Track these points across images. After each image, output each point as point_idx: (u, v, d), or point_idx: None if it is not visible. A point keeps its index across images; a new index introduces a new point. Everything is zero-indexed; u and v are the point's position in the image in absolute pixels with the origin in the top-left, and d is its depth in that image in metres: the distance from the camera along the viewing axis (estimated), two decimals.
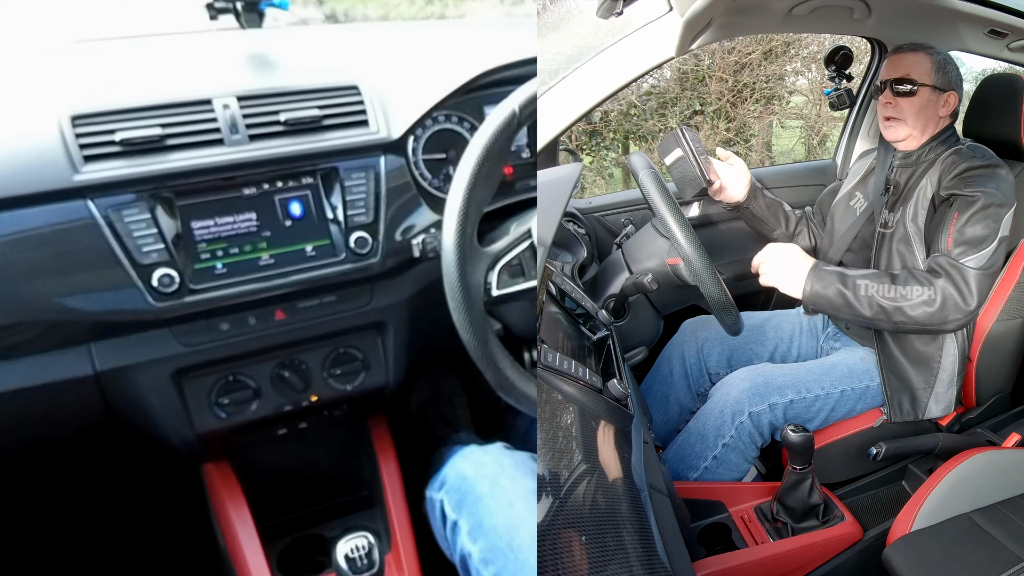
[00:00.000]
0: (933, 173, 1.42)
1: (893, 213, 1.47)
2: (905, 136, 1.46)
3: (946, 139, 1.46)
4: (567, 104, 1.50)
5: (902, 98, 1.44)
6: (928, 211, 1.41)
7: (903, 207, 1.45)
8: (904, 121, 1.45)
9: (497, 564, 1.02)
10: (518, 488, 1.08)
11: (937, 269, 1.32)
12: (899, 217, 1.45)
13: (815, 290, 1.35)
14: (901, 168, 1.48)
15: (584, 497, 0.76)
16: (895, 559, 1.24)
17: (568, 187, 1.20)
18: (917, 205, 1.42)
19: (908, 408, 1.46)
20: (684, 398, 1.63)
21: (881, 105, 1.47)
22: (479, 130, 0.98)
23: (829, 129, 4.54)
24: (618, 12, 1.41)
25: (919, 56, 1.44)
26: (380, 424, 1.37)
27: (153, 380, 1.06)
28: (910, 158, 1.47)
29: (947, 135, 1.46)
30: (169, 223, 1.02)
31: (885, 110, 1.47)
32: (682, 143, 1.52)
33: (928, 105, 1.43)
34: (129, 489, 1.49)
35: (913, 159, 1.47)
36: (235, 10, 1.30)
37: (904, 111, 1.44)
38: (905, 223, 1.43)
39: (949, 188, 1.37)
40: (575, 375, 0.89)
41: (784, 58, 4.39)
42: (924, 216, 1.41)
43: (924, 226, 1.41)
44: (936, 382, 1.45)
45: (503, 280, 1.01)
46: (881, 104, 1.47)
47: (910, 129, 1.45)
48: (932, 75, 1.42)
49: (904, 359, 1.45)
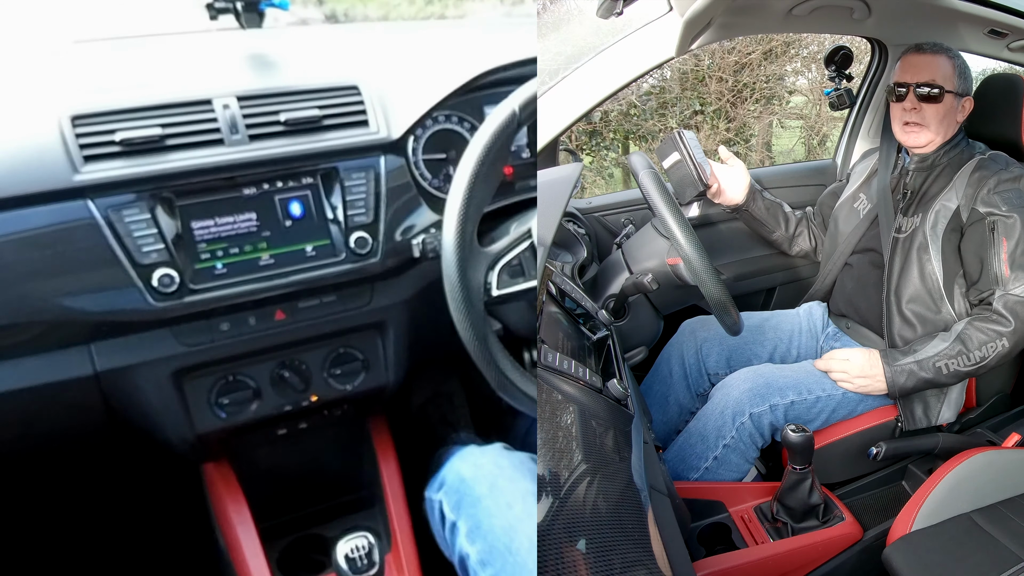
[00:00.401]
0: (959, 186, 1.40)
1: (908, 218, 1.45)
2: (927, 142, 1.43)
3: (958, 142, 1.45)
4: (567, 104, 1.50)
5: (927, 103, 1.40)
6: (950, 223, 1.39)
7: (922, 213, 1.43)
8: (927, 127, 1.41)
9: (495, 565, 1.01)
10: (517, 489, 1.08)
11: (1004, 314, 1.33)
12: (917, 223, 1.43)
13: (902, 386, 1.37)
14: (916, 172, 1.47)
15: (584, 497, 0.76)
16: (895, 559, 1.24)
17: (568, 187, 1.20)
18: (937, 215, 1.40)
19: (921, 415, 1.46)
20: (683, 398, 1.62)
21: (902, 110, 1.43)
22: (479, 130, 0.98)
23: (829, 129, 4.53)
24: (618, 12, 1.41)
25: (941, 59, 1.41)
26: (380, 424, 1.37)
27: (153, 380, 1.06)
28: (925, 162, 1.45)
29: (959, 138, 1.45)
30: (169, 223, 1.02)
31: (907, 115, 1.42)
32: (679, 146, 1.52)
33: (951, 111, 1.41)
34: (129, 489, 1.49)
35: (929, 163, 1.45)
36: (235, 10, 1.30)
37: (928, 117, 1.41)
38: (924, 231, 1.41)
39: (988, 205, 1.35)
40: (575, 375, 0.89)
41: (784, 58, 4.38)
42: (944, 227, 1.40)
43: (943, 236, 1.40)
44: (949, 388, 1.46)
45: (503, 280, 1.01)
46: (902, 109, 1.43)
47: (932, 135, 1.42)
48: (955, 80, 1.40)
49: None
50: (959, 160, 1.43)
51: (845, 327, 1.61)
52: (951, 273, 1.40)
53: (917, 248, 1.42)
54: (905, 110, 1.43)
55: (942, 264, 1.40)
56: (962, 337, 1.34)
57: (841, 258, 1.59)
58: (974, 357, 1.33)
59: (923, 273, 1.41)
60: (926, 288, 1.41)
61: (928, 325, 1.43)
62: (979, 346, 1.33)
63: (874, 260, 1.52)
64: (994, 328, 1.33)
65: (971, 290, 1.40)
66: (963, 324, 1.36)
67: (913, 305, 1.43)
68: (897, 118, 1.46)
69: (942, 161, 1.44)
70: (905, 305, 1.43)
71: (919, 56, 1.43)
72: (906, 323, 1.45)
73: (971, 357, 1.33)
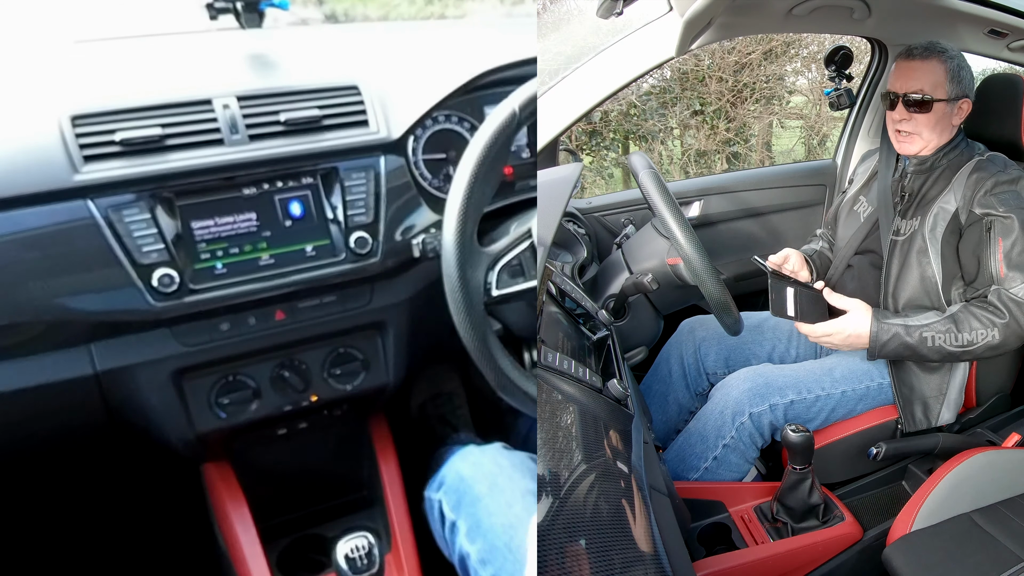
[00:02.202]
0: (957, 188, 1.39)
1: (907, 220, 1.44)
2: (919, 149, 1.43)
3: (957, 144, 1.44)
4: (567, 104, 1.50)
5: (917, 112, 1.39)
6: (949, 226, 1.39)
7: (920, 216, 1.42)
8: (918, 135, 1.41)
9: (495, 564, 1.02)
10: (516, 488, 1.08)
11: (999, 307, 1.32)
12: (916, 226, 1.42)
13: (883, 345, 1.35)
14: (915, 175, 1.46)
15: (584, 497, 0.76)
16: (895, 559, 1.24)
17: (568, 187, 1.20)
18: (936, 217, 1.40)
19: (921, 417, 1.46)
20: (683, 397, 1.62)
21: (893, 120, 1.43)
22: (479, 130, 0.98)
23: (829, 129, 4.53)
24: (618, 12, 1.41)
25: (932, 64, 1.39)
26: (380, 424, 1.37)
27: (153, 380, 1.06)
28: (924, 164, 1.44)
29: (958, 139, 1.44)
30: (169, 223, 1.02)
31: (898, 124, 1.42)
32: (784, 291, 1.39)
33: (943, 117, 1.40)
34: (129, 489, 1.49)
35: (928, 165, 1.44)
36: (235, 10, 1.30)
37: (919, 125, 1.40)
38: (923, 233, 1.41)
39: (984, 207, 1.35)
40: (575, 375, 0.89)
41: (784, 58, 4.38)
42: (943, 229, 1.39)
43: (942, 238, 1.39)
44: (948, 388, 1.45)
45: (503, 280, 1.01)
46: (893, 119, 1.43)
47: (924, 142, 1.41)
48: (947, 87, 1.38)
49: (916, 367, 1.45)
50: (958, 162, 1.43)
51: None
52: (950, 275, 1.40)
53: (916, 252, 1.42)
54: (895, 120, 1.42)
55: (941, 267, 1.39)
56: (955, 317, 1.34)
57: (843, 261, 1.58)
58: (962, 339, 1.32)
59: (923, 276, 1.41)
60: (924, 290, 1.41)
61: None
62: (969, 329, 1.32)
63: (874, 262, 1.51)
64: (988, 316, 1.32)
65: (968, 289, 1.40)
66: (958, 307, 1.36)
67: (910, 306, 1.43)
68: (890, 125, 1.46)
69: (941, 163, 1.44)
70: (901, 307, 1.43)
71: (909, 62, 1.41)
72: None
73: (959, 338, 1.32)
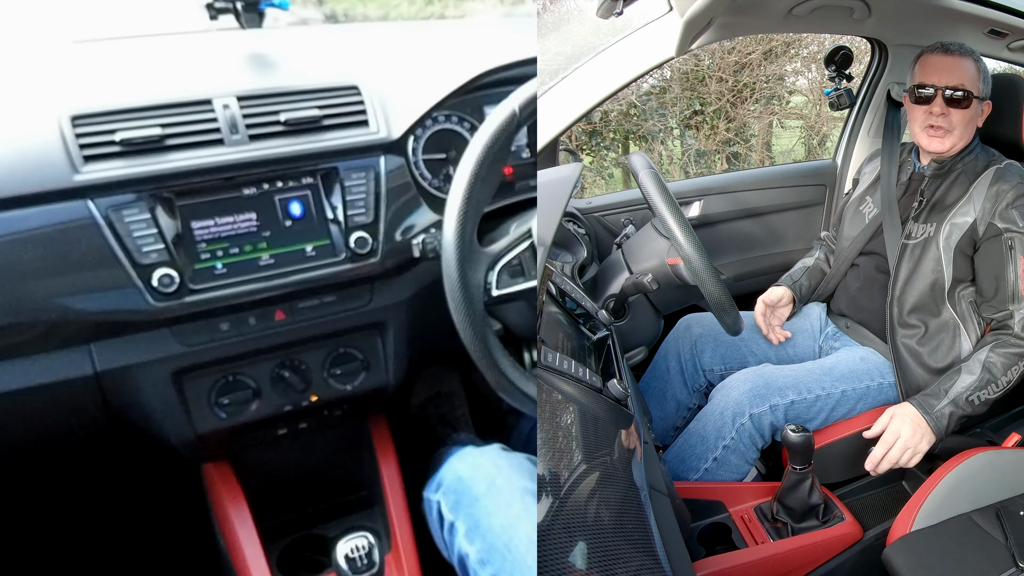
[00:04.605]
0: (976, 198, 1.38)
1: (921, 224, 1.43)
2: (950, 147, 1.40)
3: (973, 148, 1.42)
4: (567, 104, 1.51)
5: (955, 107, 1.36)
6: (966, 236, 1.38)
7: (936, 223, 1.41)
8: (952, 132, 1.38)
9: (495, 564, 1.01)
10: (515, 489, 1.08)
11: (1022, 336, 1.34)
12: (931, 233, 1.41)
13: (946, 428, 1.35)
14: (932, 179, 1.44)
15: (584, 497, 0.76)
16: (895, 559, 1.24)
17: (568, 187, 1.20)
18: (953, 227, 1.39)
19: None
20: (681, 394, 1.62)
21: (927, 113, 1.39)
22: (479, 130, 0.98)
23: (829, 129, 4.53)
24: (618, 12, 1.41)
25: (968, 61, 1.37)
26: (380, 424, 1.37)
27: (153, 380, 1.06)
28: (943, 168, 1.42)
29: (974, 143, 1.43)
30: (169, 223, 1.02)
31: (933, 119, 1.38)
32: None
33: (975, 116, 1.39)
34: (129, 489, 1.49)
35: (945, 169, 1.43)
36: (235, 10, 1.30)
37: (955, 122, 1.37)
38: (938, 242, 1.40)
39: (1006, 221, 1.35)
40: (575, 375, 0.89)
41: (784, 58, 4.38)
42: (958, 239, 1.39)
43: (955, 247, 1.39)
44: None
45: (503, 280, 1.01)
46: (927, 112, 1.38)
47: (956, 139, 1.39)
48: (979, 84, 1.37)
49: (921, 370, 1.44)
50: (974, 167, 1.41)
51: (844, 327, 1.60)
52: (957, 281, 1.40)
53: (930, 259, 1.41)
54: (932, 113, 1.38)
55: (952, 274, 1.39)
56: (987, 366, 1.34)
57: (847, 261, 1.58)
58: (1001, 383, 1.35)
59: (933, 284, 1.40)
60: (932, 296, 1.41)
61: (930, 327, 1.43)
62: (1004, 371, 1.34)
63: (879, 265, 1.51)
64: (1014, 352, 1.34)
65: (985, 306, 1.39)
66: (985, 352, 1.36)
67: (916, 311, 1.43)
68: (919, 120, 1.41)
69: (957, 167, 1.42)
70: (907, 312, 1.43)
71: (946, 57, 1.38)
72: (908, 328, 1.44)
73: (999, 384, 1.34)
